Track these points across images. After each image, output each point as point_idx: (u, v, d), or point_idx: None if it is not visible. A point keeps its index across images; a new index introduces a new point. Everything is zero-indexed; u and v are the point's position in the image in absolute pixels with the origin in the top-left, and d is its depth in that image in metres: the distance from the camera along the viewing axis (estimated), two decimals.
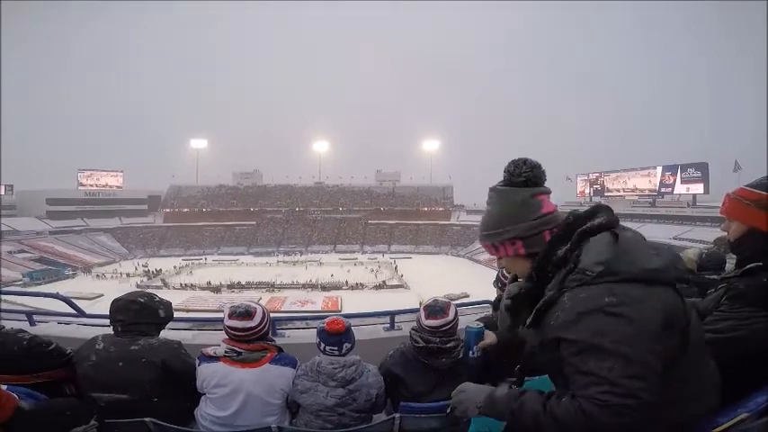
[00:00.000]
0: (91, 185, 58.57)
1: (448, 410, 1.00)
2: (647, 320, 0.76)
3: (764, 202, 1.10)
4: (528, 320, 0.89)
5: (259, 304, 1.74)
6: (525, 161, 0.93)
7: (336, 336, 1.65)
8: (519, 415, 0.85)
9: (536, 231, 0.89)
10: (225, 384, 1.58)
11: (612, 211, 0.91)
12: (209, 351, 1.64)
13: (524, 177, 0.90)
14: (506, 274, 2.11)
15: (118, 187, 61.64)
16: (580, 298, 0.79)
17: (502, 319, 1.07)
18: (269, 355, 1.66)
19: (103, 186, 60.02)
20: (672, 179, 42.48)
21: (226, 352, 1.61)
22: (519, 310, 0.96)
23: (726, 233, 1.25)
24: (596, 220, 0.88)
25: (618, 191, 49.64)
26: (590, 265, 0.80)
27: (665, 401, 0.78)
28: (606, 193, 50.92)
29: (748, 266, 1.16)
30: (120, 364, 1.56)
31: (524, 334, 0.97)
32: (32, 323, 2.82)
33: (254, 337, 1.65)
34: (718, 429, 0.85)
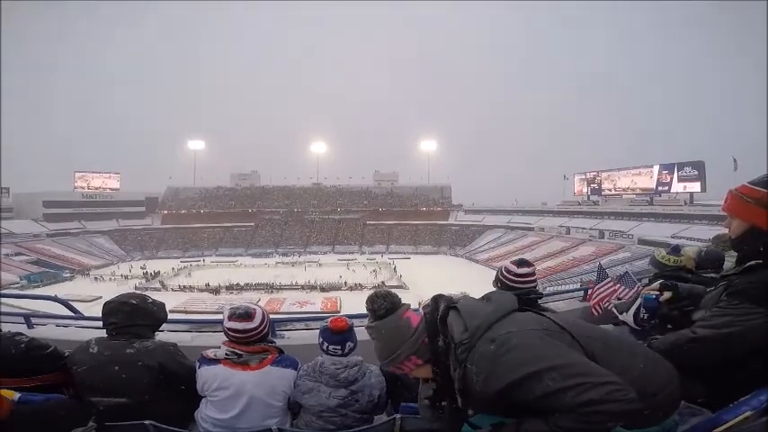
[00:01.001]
0: (87, 187, 58.29)
1: None
2: (530, 336, 0.91)
3: (765, 200, 1.10)
4: (461, 404, 1.01)
5: (258, 305, 1.72)
6: (377, 295, 1.14)
7: (340, 334, 1.64)
8: None
9: (419, 343, 1.07)
10: (227, 387, 1.57)
11: (444, 295, 1.12)
12: (210, 353, 1.63)
13: (385, 309, 1.10)
14: (505, 274, 2.10)
15: (115, 189, 61.40)
16: (476, 359, 0.93)
17: (423, 412, 1.27)
18: (270, 356, 1.65)
19: (100, 188, 59.76)
20: (669, 178, 42.59)
21: (227, 354, 1.60)
22: (438, 403, 1.15)
23: (727, 230, 1.25)
24: (441, 308, 1.07)
25: (615, 189, 49.69)
26: (460, 337, 0.98)
27: None
28: (603, 192, 51.01)
29: (748, 264, 1.17)
30: (116, 368, 1.55)
31: (473, 409, 1.06)
32: (30, 326, 2.81)
33: (254, 339, 1.64)
34: (722, 427, 0.85)
